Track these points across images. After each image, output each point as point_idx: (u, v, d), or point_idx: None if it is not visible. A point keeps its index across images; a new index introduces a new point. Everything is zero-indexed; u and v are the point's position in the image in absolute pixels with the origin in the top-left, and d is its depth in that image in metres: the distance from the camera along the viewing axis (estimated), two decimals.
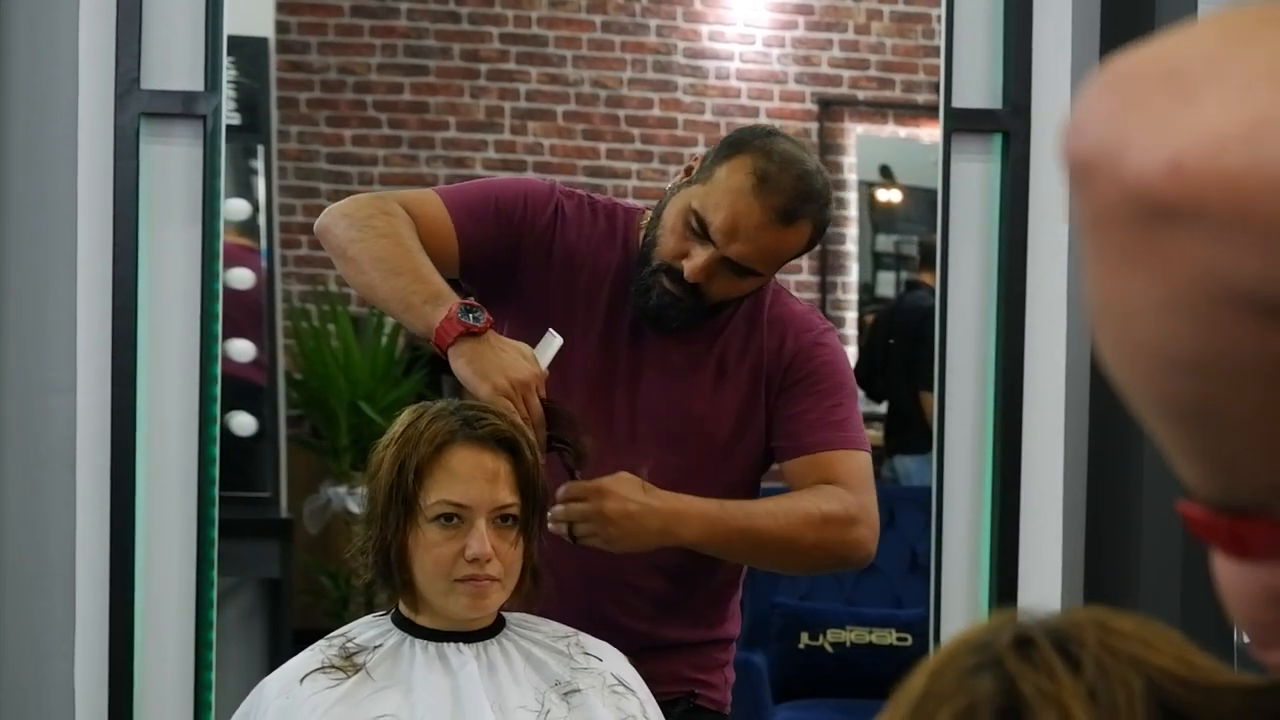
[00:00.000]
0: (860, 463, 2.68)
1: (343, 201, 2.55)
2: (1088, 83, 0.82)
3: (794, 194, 2.54)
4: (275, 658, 4.58)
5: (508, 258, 2.65)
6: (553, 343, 2.50)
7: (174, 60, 2.87)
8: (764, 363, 2.68)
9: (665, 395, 2.65)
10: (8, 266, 2.83)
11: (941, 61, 3.04)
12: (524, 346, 2.47)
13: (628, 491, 2.50)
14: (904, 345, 5.57)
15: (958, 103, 3.04)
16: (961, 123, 3.05)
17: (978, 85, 3.05)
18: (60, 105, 2.85)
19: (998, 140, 3.05)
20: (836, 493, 2.62)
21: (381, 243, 2.48)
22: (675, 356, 2.67)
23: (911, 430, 5.46)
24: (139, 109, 2.83)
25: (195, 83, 2.86)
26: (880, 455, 5.55)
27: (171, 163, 2.86)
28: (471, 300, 2.45)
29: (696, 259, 2.55)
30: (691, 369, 2.67)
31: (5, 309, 2.82)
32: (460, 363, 2.45)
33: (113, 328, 2.83)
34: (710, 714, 2.80)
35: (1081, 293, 3.09)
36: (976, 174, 3.06)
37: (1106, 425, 3.11)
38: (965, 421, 3.10)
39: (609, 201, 2.77)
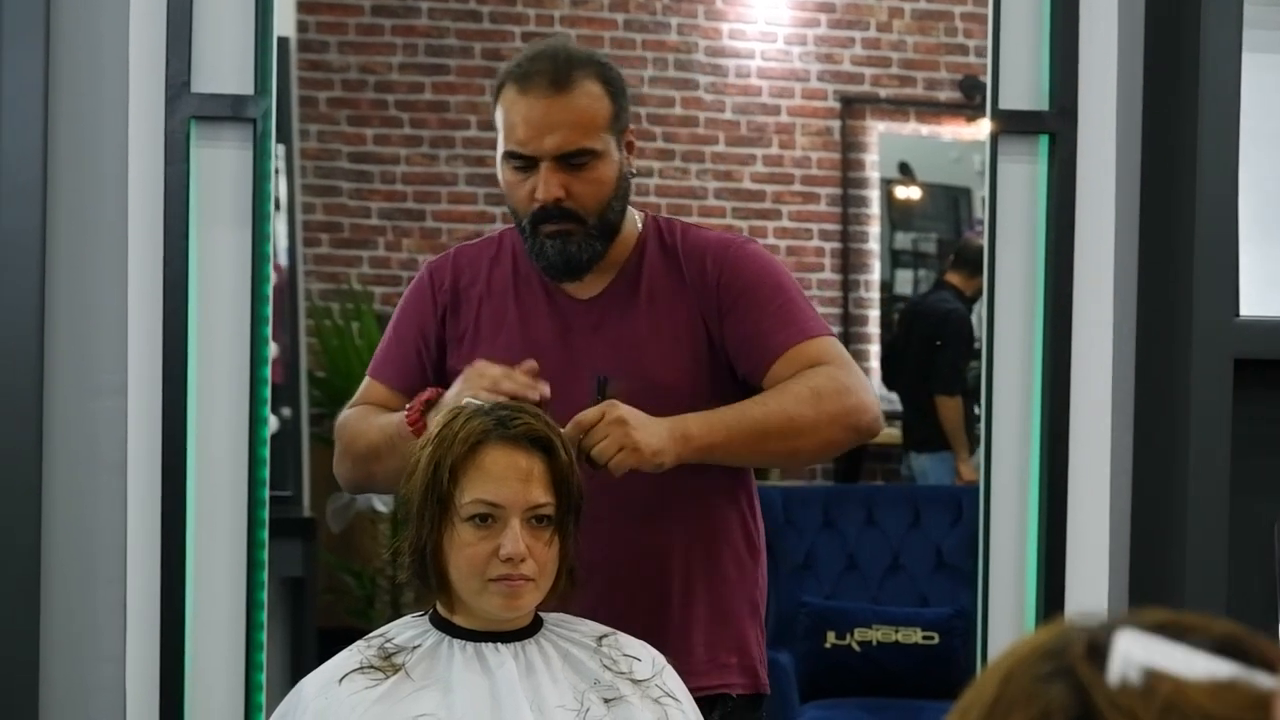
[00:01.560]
0: (829, 344, 2.70)
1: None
2: None
3: (550, 67, 2.65)
4: (299, 657, 4.59)
5: (437, 353, 2.79)
6: None
7: (224, 63, 2.87)
8: (695, 298, 2.71)
9: (617, 362, 2.66)
10: (59, 270, 2.83)
11: (989, 63, 3.04)
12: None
13: (627, 410, 2.53)
14: (921, 346, 5.57)
15: (1004, 104, 3.05)
16: (1008, 124, 3.05)
17: (1024, 87, 3.05)
18: (111, 109, 2.85)
19: (1044, 142, 3.05)
20: (819, 370, 2.64)
21: (356, 440, 2.73)
22: (610, 324, 2.70)
23: (927, 429, 5.46)
24: (189, 112, 2.83)
25: (245, 86, 2.86)
26: (898, 453, 5.55)
27: (221, 166, 2.86)
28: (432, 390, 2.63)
29: (538, 183, 2.63)
30: (628, 330, 2.70)
31: (56, 312, 2.83)
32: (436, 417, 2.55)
33: (163, 330, 2.83)
34: (750, 699, 2.81)
35: (1127, 294, 3.09)
36: (1022, 176, 3.06)
37: (1152, 426, 3.11)
38: (1012, 422, 3.10)
39: (497, 232, 2.87)
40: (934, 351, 5.50)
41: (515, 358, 2.58)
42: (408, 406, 2.61)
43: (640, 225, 2.77)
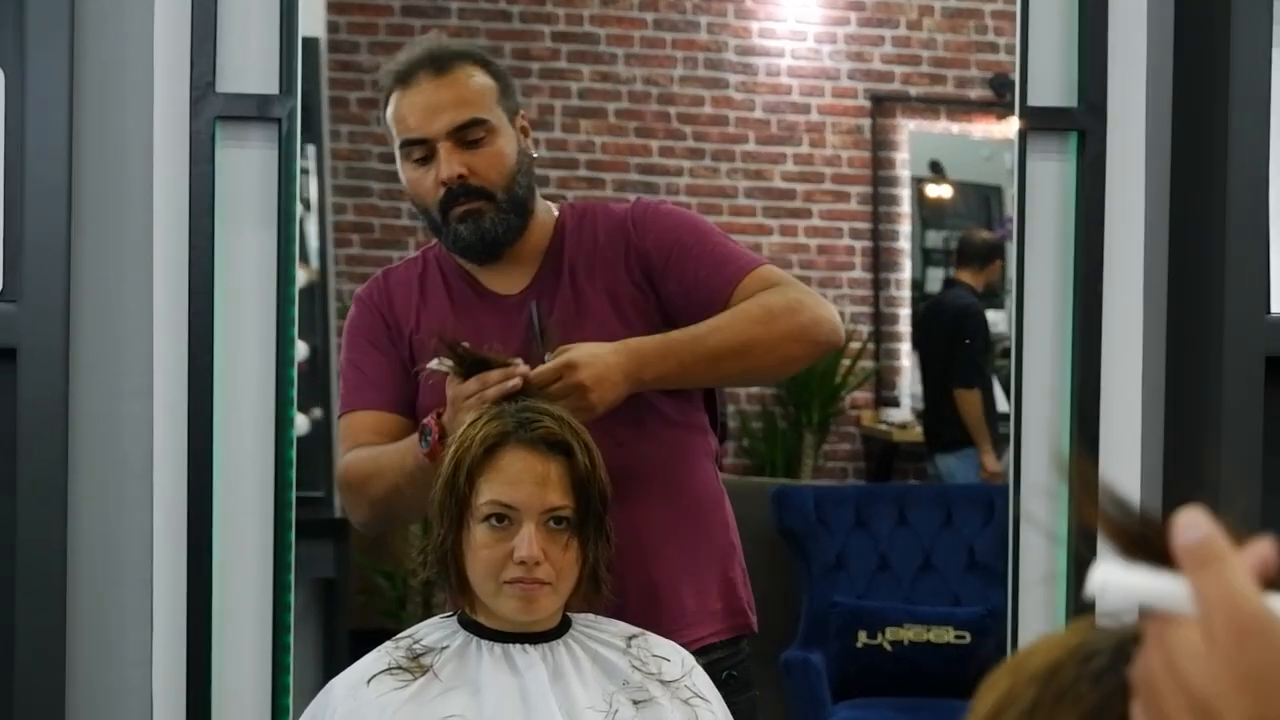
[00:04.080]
0: (770, 270, 2.73)
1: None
2: None
3: (428, 58, 2.72)
4: (330, 658, 4.59)
5: (403, 350, 2.82)
6: None
7: (249, 63, 2.86)
8: (626, 272, 2.73)
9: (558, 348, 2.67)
10: (84, 272, 2.83)
11: (1017, 60, 3.03)
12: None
13: (591, 356, 2.53)
14: (939, 345, 5.57)
15: (1033, 101, 3.03)
16: (1037, 121, 3.03)
17: (1053, 84, 3.03)
18: (136, 110, 2.85)
19: (1073, 139, 3.03)
20: (770, 290, 2.67)
21: (369, 484, 2.71)
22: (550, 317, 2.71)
23: (949, 428, 5.46)
24: (214, 113, 2.83)
25: (270, 86, 2.85)
26: (923, 453, 5.55)
27: (247, 166, 2.86)
28: (421, 425, 2.62)
29: (438, 166, 2.68)
30: (562, 314, 2.71)
31: (81, 314, 2.82)
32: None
33: (189, 332, 2.82)
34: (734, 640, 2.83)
35: (1158, 291, 3.07)
36: (1052, 173, 3.04)
37: (1183, 424, 3.10)
38: (1041, 421, 3.08)
39: (419, 251, 2.93)
40: (955, 349, 5.50)
41: None
42: (424, 439, 2.61)
43: (556, 213, 2.82)
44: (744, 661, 2.84)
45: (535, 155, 2.77)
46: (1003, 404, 5.28)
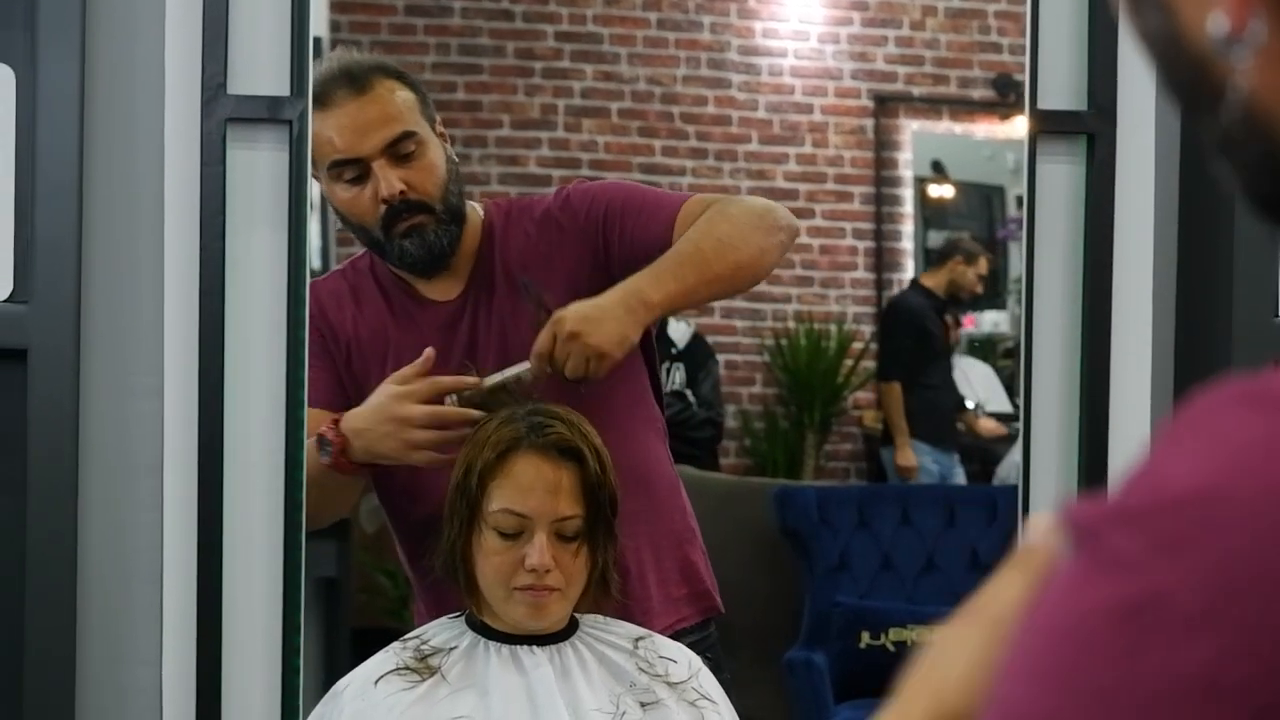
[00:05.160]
0: (701, 196, 2.79)
1: None
2: None
3: (343, 76, 2.78)
4: (333, 657, 4.58)
5: (338, 358, 2.85)
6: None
7: (260, 65, 2.85)
8: (574, 251, 2.75)
9: (503, 346, 2.68)
10: (95, 272, 2.82)
11: (1026, 62, 3.02)
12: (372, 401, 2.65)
13: (579, 309, 2.54)
14: (880, 342, 5.62)
15: (1043, 104, 3.03)
16: (1047, 125, 3.03)
17: (1062, 87, 3.03)
18: (146, 111, 2.84)
19: (1083, 142, 3.03)
20: (710, 209, 2.72)
21: None
22: (483, 313, 2.73)
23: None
24: (225, 114, 2.82)
25: (281, 88, 2.84)
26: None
27: (258, 168, 2.85)
28: (318, 435, 2.66)
29: (379, 183, 2.68)
30: (506, 309, 2.71)
31: (92, 314, 2.82)
32: (364, 455, 2.62)
33: (199, 332, 2.82)
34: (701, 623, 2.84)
35: (1166, 295, 3.07)
36: (1061, 176, 3.04)
37: None
38: (1050, 425, 3.08)
39: (342, 265, 2.99)
40: (883, 343, 5.55)
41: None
42: (324, 449, 2.62)
43: (482, 212, 2.85)
44: (714, 645, 2.85)
45: (457, 159, 2.79)
46: (1005, 404, 5.30)
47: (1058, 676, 0.74)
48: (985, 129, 5.99)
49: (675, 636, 2.67)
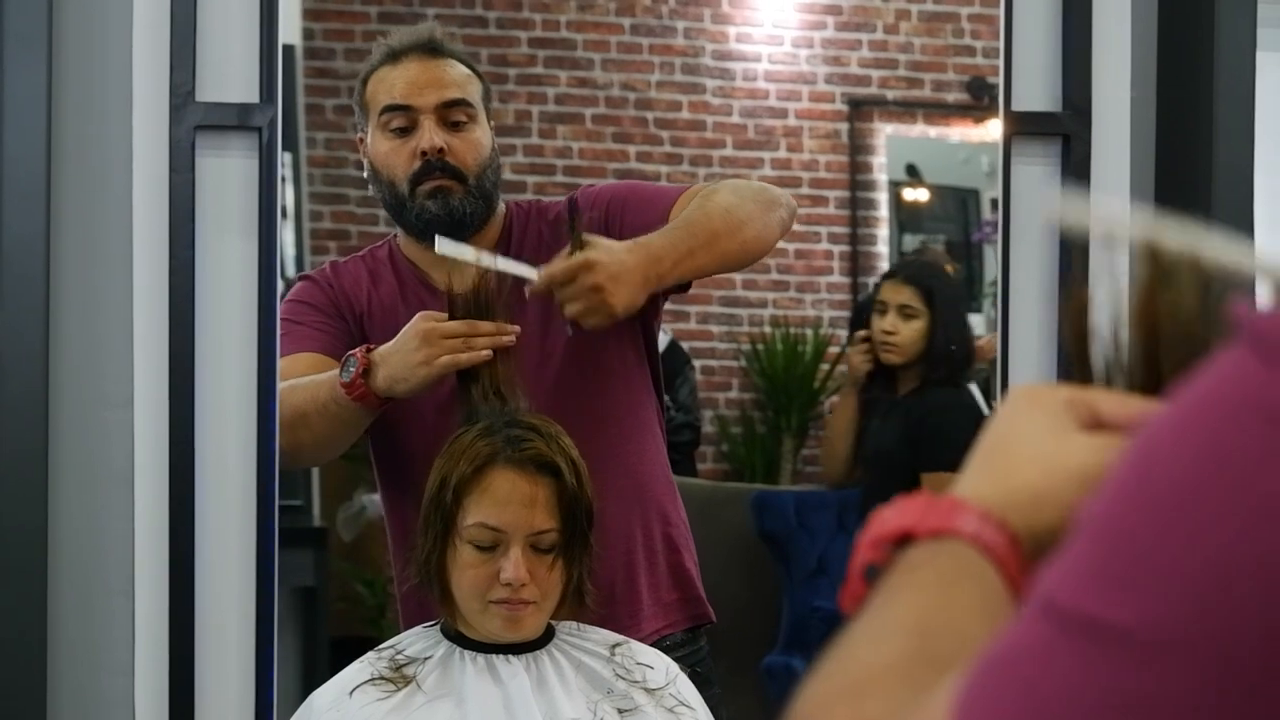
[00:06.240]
0: (697, 184, 2.81)
1: None
2: None
3: (420, 43, 2.80)
4: (311, 666, 4.57)
5: (352, 326, 2.84)
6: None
7: (229, 72, 2.84)
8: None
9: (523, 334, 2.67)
10: (64, 280, 2.81)
11: (1000, 64, 3.02)
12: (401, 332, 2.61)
13: (609, 255, 2.54)
14: None
15: (1017, 106, 3.02)
16: (1021, 126, 3.02)
17: (1036, 89, 3.03)
18: (115, 118, 2.82)
19: (1057, 144, 3.02)
20: (706, 191, 2.75)
21: (281, 408, 2.75)
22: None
23: None
24: (194, 121, 2.81)
25: (250, 94, 2.83)
26: None
27: (227, 175, 2.84)
28: (346, 355, 2.63)
29: (423, 136, 2.75)
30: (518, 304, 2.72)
31: (61, 322, 2.80)
32: (385, 383, 2.55)
33: (170, 340, 2.80)
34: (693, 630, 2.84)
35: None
36: (1036, 177, 3.03)
37: None
38: None
39: (365, 250, 2.97)
40: None
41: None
42: (345, 369, 2.61)
43: (505, 209, 2.88)
44: (705, 658, 2.84)
45: (502, 161, 2.82)
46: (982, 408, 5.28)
47: (1209, 446, 0.77)
48: (960, 132, 5.99)
49: (665, 648, 2.66)
